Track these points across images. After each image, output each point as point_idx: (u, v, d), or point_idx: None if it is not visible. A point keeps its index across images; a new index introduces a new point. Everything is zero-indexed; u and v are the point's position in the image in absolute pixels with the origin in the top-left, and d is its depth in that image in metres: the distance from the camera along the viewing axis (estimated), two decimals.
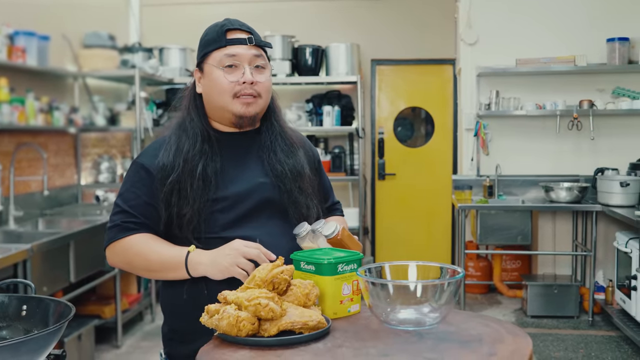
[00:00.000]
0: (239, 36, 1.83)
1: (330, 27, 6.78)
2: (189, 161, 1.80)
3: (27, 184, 4.74)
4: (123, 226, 1.80)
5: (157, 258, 1.77)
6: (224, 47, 1.82)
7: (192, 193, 1.77)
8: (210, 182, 1.80)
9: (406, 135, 7.07)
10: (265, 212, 1.84)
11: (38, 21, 4.84)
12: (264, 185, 1.85)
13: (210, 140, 1.84)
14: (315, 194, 1.93)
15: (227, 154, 1.86)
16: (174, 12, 6.95)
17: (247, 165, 1.87)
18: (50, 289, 3.87)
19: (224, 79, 1.81)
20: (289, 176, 1.86)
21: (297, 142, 1.96)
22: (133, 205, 1.82)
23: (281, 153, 1.89)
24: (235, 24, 1.86)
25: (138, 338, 5.05)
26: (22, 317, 1.45)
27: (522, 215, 5.45)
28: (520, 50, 5.79)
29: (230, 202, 1.80)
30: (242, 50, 1.82)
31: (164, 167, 1.81)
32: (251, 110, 1.83)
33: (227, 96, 1.82)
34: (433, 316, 1.42)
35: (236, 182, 1.83)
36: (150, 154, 1.86)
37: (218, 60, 1.82)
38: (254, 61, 1.83)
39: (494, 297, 6.06)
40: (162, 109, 6.41)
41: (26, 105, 4.40)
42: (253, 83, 1.81)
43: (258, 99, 1.84)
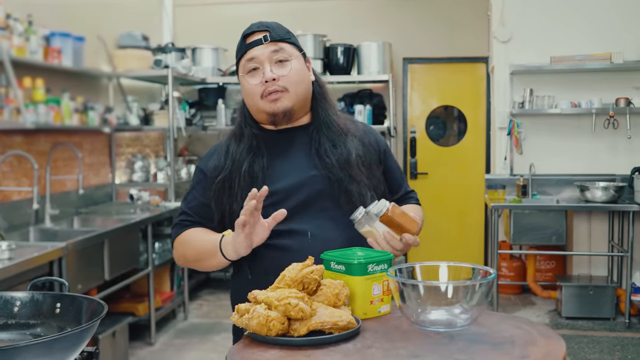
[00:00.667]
0: (255, 38, 1.84)
1: (361, 26, 6.76)
2: (236, 160, 1.87)
3: (63, 182, 4.81)
4: (180, 224, 1.93)
5: (202, 246, 1.85)
6: (245, 53, 1.85)
7: (239, 190, 1.83)
8: (256, 178, 1.84)
9: (438, 134, 7.02)
10: (317, 204, 1.84)
11: (73, 22, 4.91)
12: (314, 177, 1.85)
13: (257, 139, 1.89)
14: (370, 183, 1.89)
15: (275, 150, 1.89)
16: (206, 12, 7.00)
17: (295, 159, 1.89)
18: (84, 287, 3.93)
19: (249, 84, 1.85)
20: (336, 165, 1.85)
21: (346, 129, 1.93)
22: (191, 206, 1.93)
23: (327, 143, 1.88)
24: (252, 27, 1.87)
25: (171, 335, 5.10)
26: (56, 314, 1.47)
27: (556, 215, 5.37)
28: (555, 47, 5.71)
29: (280, 197, 1.82)
30: (259, 51, 1.83)
31: (215, 168, 1.90)
32: (280, 106, 1.83)
33: (256, 99, 1.85)
34: (464, 317, 1.40)
35: (285, 177, 1.85)
36: (207, 157, 1.97)
37: (242, 67, 1.87)
38: (274, 57, 1.83)
39: (528, 298, 5.99)
40: (194, 109, 6.46)
41: (62, 106, 4.47)
42: (275, 79, 1.81)
43: (285, 92, 1.83)
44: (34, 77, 4.23)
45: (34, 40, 4.21)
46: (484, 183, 6.12)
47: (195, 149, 6.99)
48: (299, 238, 1.80)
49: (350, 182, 1.85)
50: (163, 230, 5.40)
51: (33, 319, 1.47)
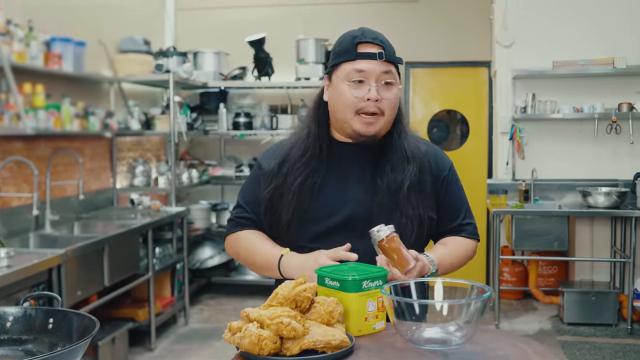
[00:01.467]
0: (369, 50, 1.79)
1: None
2: (292, 172, 1.87)
3: (63, 188, 4.81)
4: (236, 221, 1.98)
5: (259, 255, 1.89)
6: (354, 61, 1.79)
7: (285, 203, 1.85)
8: (304, 196, 1.84)
9: (440, 138, 7.00)
10: (354, 227, 1.81)
11: (74, 27, 4.91)
12: (358, 200, 1.83)
13: (320, 154, 1.87)
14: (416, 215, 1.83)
15: (333, 166, 1.87)
16: (208, 16, 6.99)
17: (348, 178, 1.87)
18: (84, 293, 3.92)
19: (348, 94, 1.79)
20: (385, 190, 1.82)
21: (412, 155, 1.86)
22: (247, 201, 1.97)
23: (387, 166, 1.85)
24: (367, 37, 1.81)
25: (171, 341, 5.09)
26: (48, 330, 1.45)
27: (558, 221, 5.35)
28: (557, 52, 5.69)
29: (322, 214, 1.83)
30: (371, 66, 1.78)
31: (270, 171, 1.91)
32: (371, 130, 1.80)
33: (349, 111, 1.80)
34: (459, 335, 1.39)
35: (332, 195, 1.85)
36: (269, 154, 1.99)
37: (346, 74, 1.80)
38: (382, 77, 1.79)
39: (530, 303, 5.96)
40: (196, 113, 6.45)
41: (62, 111, 4.47)
42: (378, 100, 1.78)
43: (380, 117, 1.80)
44: (34, 83, 4.22)
45: (35, 46, 4.20)
46: (486, 188, 6.10)
47: (196, 153, 6.98)
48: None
49: (394, 210, 1.81)
50: (164, 235, 5.39)
51: (25, 334, 1.46)
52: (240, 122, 6.41)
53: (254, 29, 6.48)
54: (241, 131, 6.40)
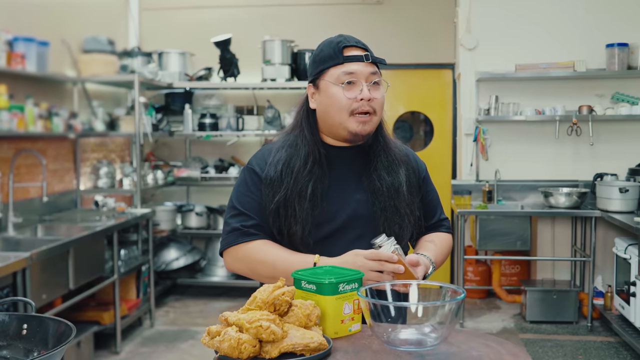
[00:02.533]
0: (355, 53, 1.85)
1: (329, 32, 6.68)
2: (298, 181, 1.85)
3: (26, 190, 4.73)
4: (243, 231, 1.87)
5: (283, 267, 1.80)
6: (342, 65, 1.84)
7: (301, 213, 1.83)
8: (317, 202, 1.85)
9: (405, 139, 7.06)
10: (357, 229, 1.87)
11: (37, 27, 4.84)
12: (359, 202, 1.88)
13: (320, 160, 1.88)
14: (412, 215, 1.93)
15: (334, 169, 1.90)
16: (173, 17, 6.95)
17: (347, 180, 1.91)
18: (49, 296, 3.87)
19: (342, 96, 1.83)
20: (385, 193, 1.88)
21: (400, 158, 1.96)
22: (249, 208, 1.89)
23: (382, 169, 1.91)
24: (351, 41, 1.87)
25: (137, 344, 5.04)
26: (22, 336, 1.44)
27: (521, 221, 5.45)
28: (520, 55, 5.79)
29: (327, 217, 1.86)
30: (360, 68, 1.84)
31: (271, 181, 1.88)
32: (367, 128, 1.86)
33: (344, 113, 1.84)
34: (434, 336, 1.42)
35: (335, 197, 1.88)
36: (260, 158, 1.94)
37: (336, 77, 1.84)
38: (371, 78, 1.85)
39: (493, 302, 6.06)
40: (161, 114, 6.40)
41: (25, 112, 4.40)
42: (370, 100, 1.83)
43: (373, 116, 1.86)
44: None
45: None
46: (450, 188, 6.18)
47: (161, 154, 6.93)
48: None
49: (394, 212, 1.88)
50: (129, 237, 5.34)
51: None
52: (206, 123, 6.38)
53: (220, 30, 6.46)
54: (207, 132, 6.38)
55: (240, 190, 1.93)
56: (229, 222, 1.91)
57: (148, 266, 5.47)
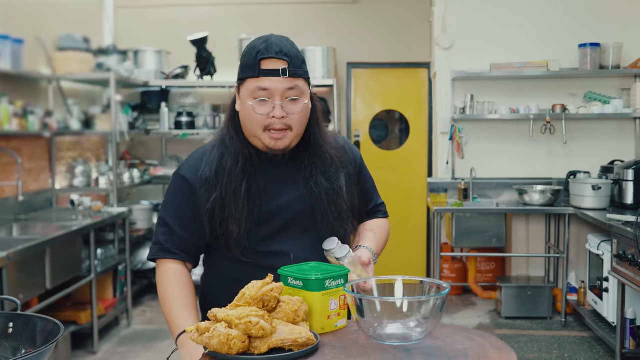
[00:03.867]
0: (273, 67, 1.75)
1: (306, 31, 6.79)
2: (232, 180, 1.81)
3: (1, 189, 4.68)
4: (164, 247, 1.87)
5: (168, 308, 1.83)
6: (257, 78, 1.76)
7: (237, 213, 1.79)
8: (254, 201, 1.82)
9: (382, 138, 7.12)
10: (300, 225, 1.86)
11: (12, 24, 4.78)
12: (299, 199, 1.86)
13: (251, 158, 1.84)
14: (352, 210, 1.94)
15: (267, 170, 1.86)
16: (148, 14, 6.91)
17: (285, 181, 1.88)
18: (26, 296, 3.83)
19: (253, 112, 1.78)
20: (324, 199, 1.86)
21: (338, 159, 1.92)
22: (175, 217, 1.87)
23: (319, 175, 1.88)
24: (271, 51, 1.76)
25: (114, 343, 5.01)
26: (8, 334, 1.44)
27: (496, 218, 5.52)
28: (495, 55, 5.86)
29: (267, 216, 1.83)
30: (275, 84, 1.75)
31: (207, 181, 1.83)
32: (280, 145, 1.80)
33: (257, 128, 1.79)
34: (419, 331, 1.45)
35: (275, 197, 1.85)
36: (191, 166, 1.89)
37: (250, 91, 1.77)
38: (287, 94, 1.76)
39: (469, 299, 6.13)
40: (137, 112, 6.37)
41: (0, 110, 4.35)
42: (284, 117, 1.77)
43: (288, 132, 1.79)
44: None
45: None
46: (426, 186, 6.23)
47: (137, 152, 6.89)
48: (282, 259, 1.81)
49: (336, 218, 1.88)
50: (106, 237, 5.30)
51: None
52: (183, 122, 6.36)
53: (196, 28, 6.44)
54: (183, 131, 6.35)
55: (169, 198, 1.90)
56: (156, 232, 1.90)
57: (125, 265, 5.44)
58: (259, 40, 1.81)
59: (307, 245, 1.85)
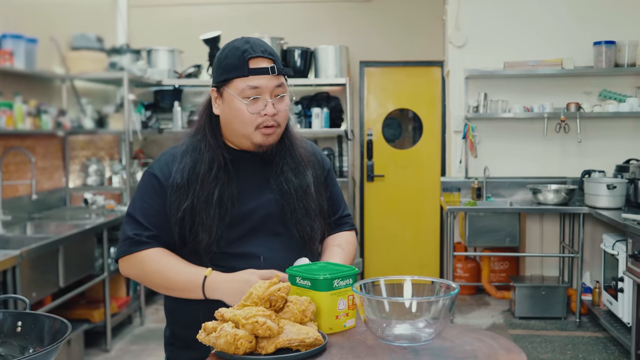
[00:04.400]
0: (261, 65, 1.78)
1: (319, 29, 6.78)
2: (204, 187, 1.80)
3: (15, 187, 4.71)
4: (136, 239, 1.81)
5: (174, 278, 1.78)
6: (246, 77, 1.77)
7: (208, 221, 1.78)
8: (226, 208, 1.80)
9: (395, 136, 7.09)
10: (270, 227, 1.85)
11: (26, 24, 4.81)
12: (270, 201, 1.86)
13: (226, 165, 1.83)
14: (321, 212, 1.93)
15: (241, 173, 1.86)
16: (161, 14, 6.93)
17: (256, 182, 1.88)
18: (39, 294, 3.86)
19: (245, 111, 1.78)
20: (293, 195, 1.86)
21: (307, 159, 1.94)
22: (145, 215, 1.83)
23: (289, 171, 1.89)
24: (257, 51, 1.79)
25: (127, 342, 5.03)
26: (17, 333, 1.44)
27: (510, 217, 5.48)
28: (508, 53, 5.82)
29: (237, 218, 1.82)
30: (265, 82, 1.77)
31: (178, 188, 1.81)
32: (270, 140, 1.83)
33: (248, 127, 1.80)
34: (428, 331, 1.43)
35: (245, 200, 1.84)
36: (163, 165, 1.87)
37: (240, 90, 1.78)
38: (276, 92, 1.80)
39: (483, 299, 6.09)
40: (150, 111, 6.38)
41: (14, 109, 4.37)
42: (275, 114, 1.80)
43: (277, 128, 1.83)
44: None
45: None
46: (439, 185, 6.20)
47: (151, 151, 6.91)
48: (252, 261, 1.80)
49: (305, 214, 1.87)
50: (119, 235, 5.31)
51: None
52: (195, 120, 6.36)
53: (209, 27, 6.45)
54: None
55: (139, 196, 1.87)
56: (124, 229, 1.85)
57: None
58: (238, 42, 1.83)
59: (278, 247, 1.84)
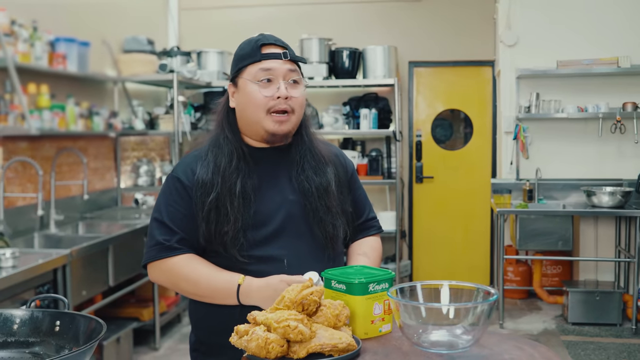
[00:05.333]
0: (273, 51, 1.81)
1: (367, 30, 6.74)
2: (226, 179, 1.80)
3: (68, 187, 4.81)
4: (166, 245, 1.80)
5: (207, 285, 1.77)
6: (259, 62, 1.80)
7: (232, 211, 1.77)
8: (250, 199, 1.80)
9: (444, 137, 7.00)
10: (292, 230, 1.83)
11: (79, 27, 4.91)
12: (291, 202, 1.84)
13: (245, 157, 1.83)
14: (343, 212, 1.91)
15: (261, 169, 1.85)
16: (212, 16, 7.00)
17: (277, 181, 1.86)
18: (89, 293, 3.93)
19: (258, 93, 1.79)
20: (315, 194, 1.84)
21: (327, 157, 1.93)
22: (172, 218, 1.81)
23: (309, 169, 1.87)
24: (270, 39, 1.84)
25: (176, 340, 5.09)
26: (55, 332, 1.45)
27: (563, 220, 5.35)
28: (561, 51, 5.68)
29: (261, 219, 1.80)
30: (277, 65, 1.80)
31: (203, 184, 1.81)
32: (284, 128, 1.81)
33: (261, 111, 1.80)
34: (466, 338, 1.39)
35: (267, 199, 1.83)
36: (186, 167, 1.86)
37: (253, 75, 1.80)
38: (289, 76, 1.81)
39: (534, 303, 5.96)
40: (200, 112, 6.45)
41: (66, 111, 4.47)
42: (287, 98, 1.79)
43: (291, 115, 1.82)
44: (39, 83, 4.23)
45: (39, 46, 4.20)
46: (490, 187, 6.10)
47: None
48: (276, 264, 1.78)
49: (326, 212, 1.85)
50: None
51: (32, 337, 1.46)
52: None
53: (258, 29, 6.44)
54: None
55: (164, 201, 1.85)
56: (152, 234, 1.83)
57: None
58: (252, 37, 1.88)
59: (301, 251, 1.81)
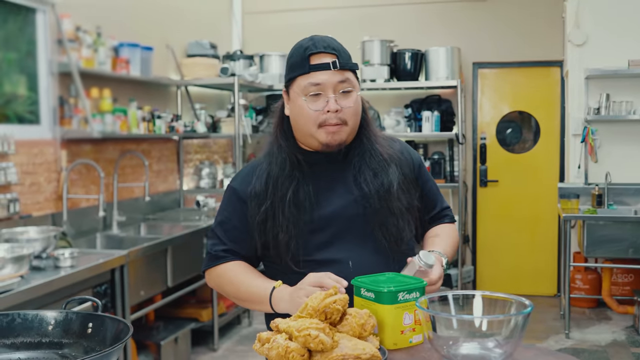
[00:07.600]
0: (322, 61, 1.75)
1: (429, 31, 6.64)
2: (279, 187, 1.80)
3: (131, 189, 4.93)
4: (213, 254, 1.88)
5: (245, 290, 1.80)
6: (307, 74, 1.75)
7: (284, 219, 1.77)
8: (303, 206, 1.78)
9: (510, 140, 6.81)
10: (357, 232, 1.80)
11: (142, 32, 5.03)
12: (352, 205, 1.81)
13: (299, 164, 1.82)
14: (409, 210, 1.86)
15: (317, 174, 1.83)
16: (274, 19, 7.04)
17: (336, 185, 1.84)
18: (147, 293, 4.01)
19: (307, 109, 1.75)
20: (374, 197, 1.80)
21: (390, 157, 1.87)
22: (223, 229, 1.87)
23: (368, 172, 1.82)
24: (319, 46, 1.76)
25: (234, 342, 5.13)
26: (87, 334, 1.47)
27: (634, 227, 5.11)
28: (633, 50, 5.45)
29: (321, 223, 1.79)
30: (326, 77, 1.74)
31: (257, 195, 1.82)
32: (337, 139, 1.78)
33: (311, 125, 1.77)
34: (498, 352, 1.33)
35: (326, 203, 1.81)
36: (243, 179, 1.89)
37: (302, 88, 1.76)
38: (339, 87, 1.75)
39: (603, 313, 5.72)
40: (262, 115, 6.50)
41: (129, 115, 4.58)
42: (338, 111, 1.75)
43: (344, 126, 1.77)
44: (102, 88, 4.35)
45: (102, 52, 4.32)
46: (557, 192, 5.90)
47: None
48: (340, 267, 1.74)
49: (389, 214, 1.80)
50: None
51: (65, 338, 1.48)
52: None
53: (319, 31, 6.37)
54: None
55: (220, 210, 1.92)
56: (207, 243, 1.93)
57: None
58: (304, 40, 1.82)
59: (365, 251, 1.78)
